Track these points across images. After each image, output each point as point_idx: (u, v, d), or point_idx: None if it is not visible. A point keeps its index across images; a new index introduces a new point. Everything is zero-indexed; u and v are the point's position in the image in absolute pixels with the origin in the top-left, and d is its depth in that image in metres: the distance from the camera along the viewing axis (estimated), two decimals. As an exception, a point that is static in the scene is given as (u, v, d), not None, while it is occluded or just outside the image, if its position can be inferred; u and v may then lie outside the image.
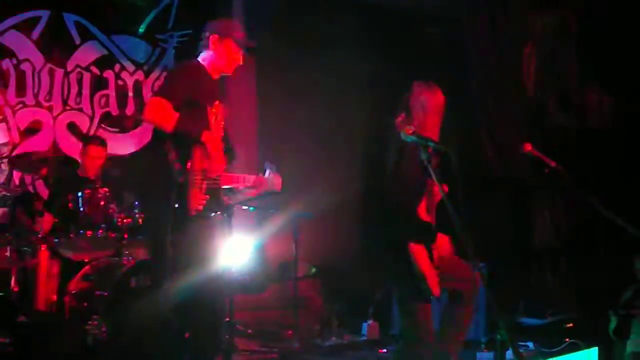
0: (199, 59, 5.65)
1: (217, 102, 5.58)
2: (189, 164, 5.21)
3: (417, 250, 5.18)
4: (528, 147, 6.14)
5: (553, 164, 5.94)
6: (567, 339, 7.39)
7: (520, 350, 6.95)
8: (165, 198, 5.23)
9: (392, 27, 9.75)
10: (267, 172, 5.91)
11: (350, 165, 9.49)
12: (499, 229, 8.74)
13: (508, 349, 6.98)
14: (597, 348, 6.38)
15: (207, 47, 5.64)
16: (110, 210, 7.22)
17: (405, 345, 5.54)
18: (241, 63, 5.68)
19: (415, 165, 5.15)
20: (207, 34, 5.68)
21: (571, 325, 8.15)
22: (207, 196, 5.38)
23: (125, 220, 7.21)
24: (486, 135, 8.81)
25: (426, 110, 5.49)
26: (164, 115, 5.23)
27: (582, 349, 6.69)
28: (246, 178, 5.82)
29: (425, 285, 5.15)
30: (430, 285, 5.15)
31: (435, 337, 5.43)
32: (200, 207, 5.33)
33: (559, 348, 7.28)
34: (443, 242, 5.54)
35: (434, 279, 5.18)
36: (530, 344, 7.42)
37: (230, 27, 5.73)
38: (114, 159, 8.48)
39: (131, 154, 8.96)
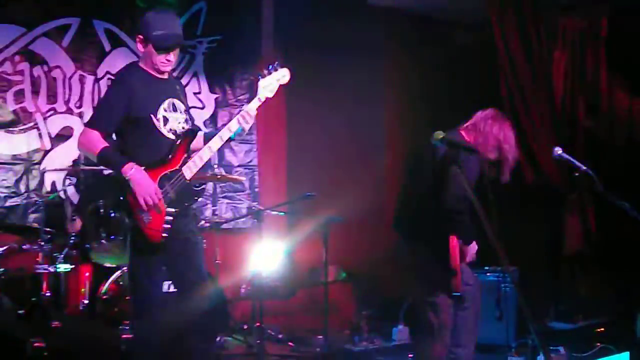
0: (139, 61, 5.47)
1: (168, 101, 5.41)
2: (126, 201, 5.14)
3: (456, 245, 5.30)
4: (558, 150, 6.12)
5: (583, 168, 5.92)
6: (598, 344, 7.35)
7: (551, 355, 6.95)
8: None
9: (421, 34, 9.75)
10: (261, 82, 5.57)
11: (380, 170, 9.51)
12: (530, 234, 8.71)
13: (539, 354, 6.96)
14: (628, 353, 6.33)
15: (140, 49, 5.43)
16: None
17: (423, 340, 5.62)
18: (171, 61, 5.42)
19: (474, 175, 5.44)
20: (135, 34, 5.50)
21: (602, 329, 8.11)
22: (170, 217, 5.26)
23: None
24: (516, 140, 8.77)
25: (490, 139, 5.57)
26: (89, 147, 5.19)
27: (614, 354, 6.65)
28: (222, 135, 5.43)
29: (454, 280, 5.33)
30: (457, 281, 5.37)
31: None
32: (161, 238, 5.25)
33: (590, 353, 7.25)
34: (472, 248, 5.61)
35: (460, 277, 5.38)
36: (561, 349, 7.37)
37: (147, 24, 5.34)
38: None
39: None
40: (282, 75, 5.64)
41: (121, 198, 5.13)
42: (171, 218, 5.24)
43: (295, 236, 8.61)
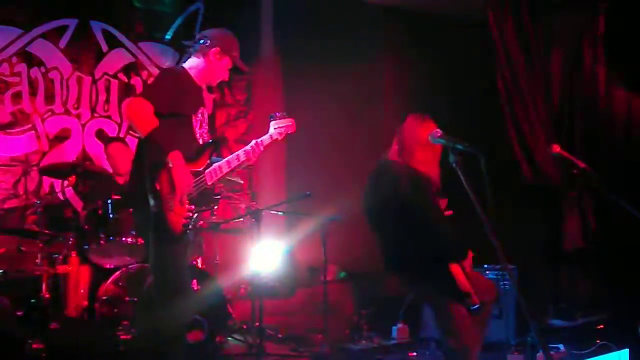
0: (186, 65, 5.62)
1: (202, 109, 5.63)
2: (158, 188, 5.19)
3: (456, 270, 5.29)
4: (556, 148, 6.12)
5: (582, 165, 5.92)
6: (597, 341, 7.35)
7: (551, 353, 6.96)
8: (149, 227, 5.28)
9: (419, 33, 9.74)
10: (273, 123, 5.90)
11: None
12: (529, 232, 8.70)
13: (539, 351, 6.96)
14: (628, 350, 6.33)
15: (202, 55, 5.58)
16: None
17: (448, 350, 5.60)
18: (227, 79, 5.75)
19: (432, 193, 5.43)
20: (207, 43, 5.59)
21: (602, 327, 8.11)
22: (189, 213, 5.31)
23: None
24: (514, 138, 8.77)
25: (419, 144, 5.52)
26: (143, 117, 5.20)
27: (613, 351, 6.65)
28: (239, 155, 5.66)
29: (468, 298, 5.33)
30: (473, 298, 5.35)
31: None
32: (182, 228, 5.30)
33: (589, 350, 7.25)
34: (468, 257, 5.60)
35: (472, 292, 5.37)
36: (561, 346, 7.38)
37: (232, 44, 5.67)
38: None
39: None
40: (289, 123, 5.99)
41: (155, 182, 5.19)
42: (190, 214, 5.31)
43: (294, 236, 8.60)
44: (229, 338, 7.87)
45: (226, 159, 5.56)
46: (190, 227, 5.34)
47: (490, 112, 8.94)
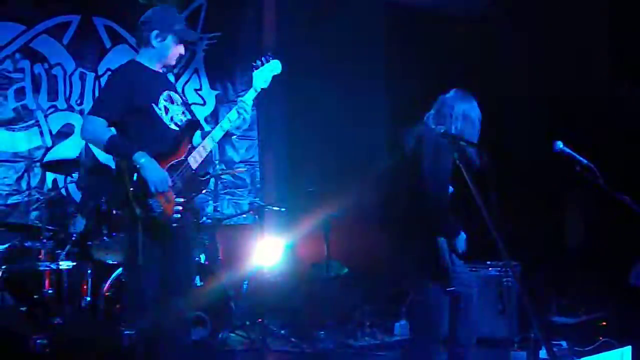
0: (137, 57, 5.48)
1: (166, 93, 5.43)
2: (137, 194, 5.10)
3: (443, 246, 5.31)
4: (559, 145, 6.12)
5: (585, 162, 5.92)
6: (600, 338, 7.35)
7: (554, 349, 6.95)
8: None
9: (416, 28, 9.74)
10: (255, 73, 5.63)
11: (382, 165, 9.50)
12: (532, 228, 8.71)
13: (541, 348, 6.97)
14: (630, 347, 6.34)
15: (145, 44, 5.43)
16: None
17: (418, 337, 5.64)
18: (183, 54, 5.58)
19: (449, 164, 5.30)
20: (144, 29, 5.44)
21: (604, 323, 8.11)
22: (180, 207, 5.23)
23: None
24: (516, 134, 8.77)
25: (458, 118, 5.53)
26: (95, 135, 5.18)
27: (616, 348, 6.65)
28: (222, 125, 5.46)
29: (446, 277, 5.40)
30: (450, 279, 5.42)
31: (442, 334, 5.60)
32: (173, 225, 5.23)
33: (592, 347, 7.24)
34: (461, 240, 5.61)
35: (451, 274, 5.43)
36: (564, 343, 7.38)
37: (170, 19, 5.47)
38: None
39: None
40: (274, 67, 5.72)
41: (131, 189, 5.12)
42: (180, 208, 5.23)
43: (297, 232, 8.61)
44: (232, 334, 7.87)
45: (210, 134, 5.41)
46: (182, 220, 5.25)
47: (493, 106, 8.93)
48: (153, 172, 5.08)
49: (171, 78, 9.05)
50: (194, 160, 5.34)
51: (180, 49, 5.52)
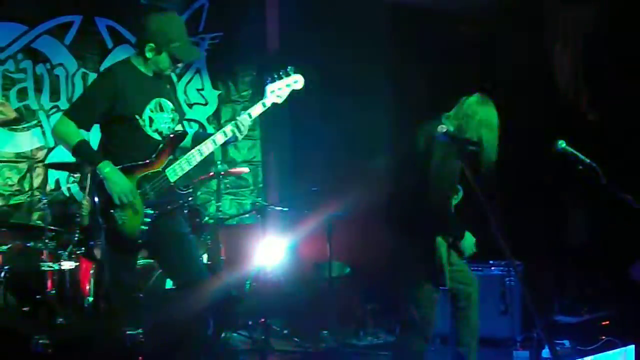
0: (132, 58, 5.34)
1: (155, 102, 5.31)
2: (99, 204, 5.10)
3: (442, 245, 5.32)
4: (562, 144, 6.11)
5: (587, 161, 5.92)
6: (603, 337, 7.35)
7: (556, 349, 6.96)
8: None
9: (422, 28, 9.73)
10: (269, 87, 5.46)
11: (382, 165, 9.49)
12: (534, 228, 8.69)
13: (544, 347, 6.96)
14: (633, 346, 6.33)
15: (140, 52, 5.28)
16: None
17: (405, 334, 5.66)
18: (181, 66, 5.58)
19: (457, 166, 5.39)
20: (140, 36, 5.31)
21: (607, 323, 8.10)
22: (148, 219, 5.19)
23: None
24: (519, 134, 8.76)
25: (474, 121, 5.53)
26: (65, 137, 5.12)
27: (619, 347, 6.64)
28: (215, 139, 5.33)
29: (443, 276, 5.45)
30: (446, 278, 5.48)
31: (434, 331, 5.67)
32: (137, 236, 5.18)
33: (595, 346, 7.24)
34: (469, 242, 5.62)
35: (445, 274, 5.49)
36: (566, 342, 7.39)
37: (170, 34, 5.22)
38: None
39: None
40: (294, 81, 5.54)
41: (95, 199, 5.10)
42: (149, 220, 5.18)
43: (300, 232, 8.60)
44: (235, 334, 7.88)
45: (198, 147, 5.29)
46: (148, 232, 5.18)
47: (496, 107, 8.91)
48: (116, 183, 5.04)
49: (174, 77, 9.10)
50: (174, 172, 5.26)
51: (177, 63, 5.38)
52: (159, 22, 5.27)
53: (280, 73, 5.50)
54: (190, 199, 5.76)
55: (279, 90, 5.48)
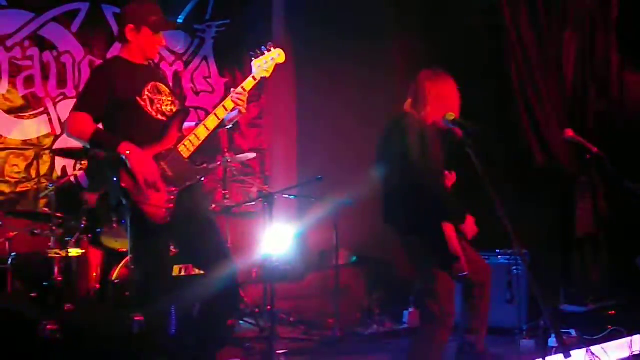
0: (120, 53, 5.49)
1: (151, 85, 5.41)
2: (124, 186, 5.10)
3: (450, 232, 5.28)
4: (569, 133, 6.11)
5: (595, 150, 5.91)
6: (609, 327, 7.34)
7: (563, 338, 6.95)
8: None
9: (431, 17, 9.70)
10: (254, 62, 5.61)
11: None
12: (541, 217, 8.68)
13: (550, 336, 6.96)
14: (639, 335, 6.34)
15: (124, 39, 5.44)
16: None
17: (427, 327, 5.60)
18: (163, 45, 5.57)
19: (438, 149, 5.39)
20: (119, 25, 5.49)
21: (613, 312, 8.10)
22: (171, 196, 5.23)
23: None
24: (527, 123, 8.73)
25: (433, 97, 5.48)
26: (80, 130, 5.17)
27: (625, 336, 6.64)
28: (217, 113, 5.45)
29: (458, 263, 5.29)
30: (462, 264, 5.30)
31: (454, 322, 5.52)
32: (164, 216, 5.21)
33: (601, 335, 7.24)
34: (470, 224, 5.57)
35: (463, 260, 5.32)
36: (573, 332, 7.37)
37: (145, 11, 5.43)
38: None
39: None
40: (276, 55, 5.68)
41: (114, 179, 5.11)
42: (172, 197, 5.21)
43: (306, 220, 8.61)
44: (241, 322, 7.89)
45: (203, 122, 5.39)
46: (176, 211, 5.23)
47: (503, 96, 8.90)
48: (140, 162, 5.09)
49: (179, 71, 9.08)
50: (185, 148, 5.32)
51: (160, 40, 5.49)
52: (132, 5, 5.49)
53: (262, 48, 5.66)
54: (205, 174, 5.79)
55: (265, 63, 5.63)
